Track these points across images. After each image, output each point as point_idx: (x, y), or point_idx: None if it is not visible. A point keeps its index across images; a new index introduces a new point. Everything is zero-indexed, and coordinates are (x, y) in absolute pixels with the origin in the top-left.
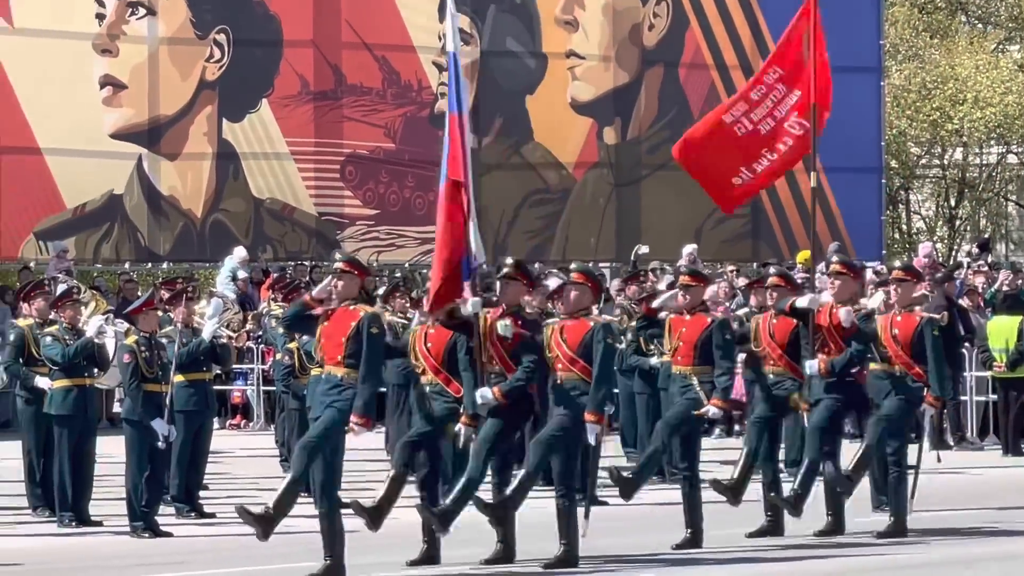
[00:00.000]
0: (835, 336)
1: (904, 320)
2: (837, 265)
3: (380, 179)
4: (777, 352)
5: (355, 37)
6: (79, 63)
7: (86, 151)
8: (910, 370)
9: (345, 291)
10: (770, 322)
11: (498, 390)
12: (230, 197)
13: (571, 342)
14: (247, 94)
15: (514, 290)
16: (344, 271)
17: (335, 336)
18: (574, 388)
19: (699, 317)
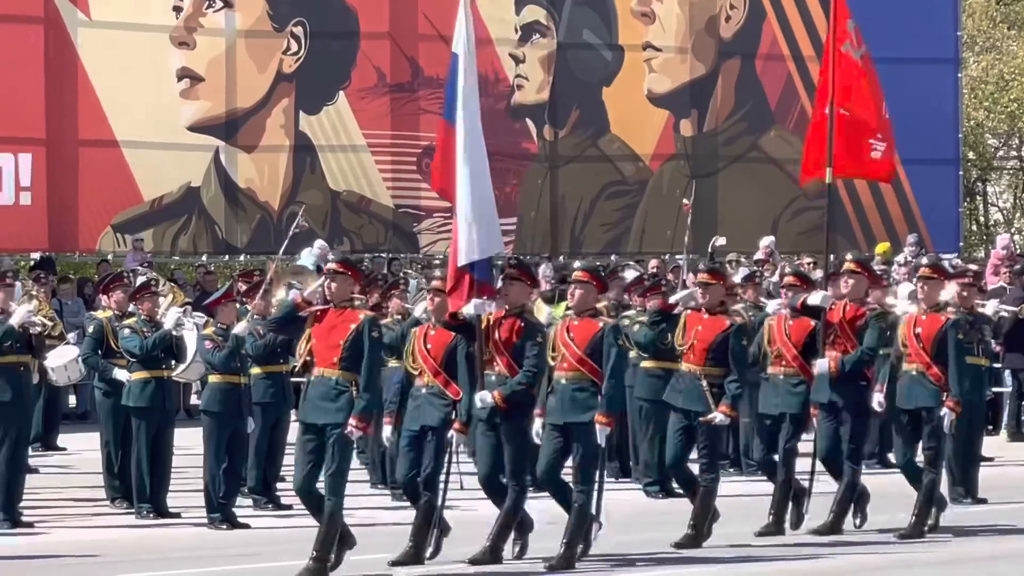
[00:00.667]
0: (848, 333)
1: (929, 320)
2: (851, 263)
3: None
4: (792, 352)
5: (431, 29)
6: (157, 56)
7: (163, 144)
8: (928, 370)
9: (339, 292)
10: (786, 322)
11: (499, 394)
12: (307, 189)
13: (579, 341)
14: (324, 87)
15: (517, 291)
16: (338, 272)
17: (330, 338)
18: (581, 388)
19: (718, 319)
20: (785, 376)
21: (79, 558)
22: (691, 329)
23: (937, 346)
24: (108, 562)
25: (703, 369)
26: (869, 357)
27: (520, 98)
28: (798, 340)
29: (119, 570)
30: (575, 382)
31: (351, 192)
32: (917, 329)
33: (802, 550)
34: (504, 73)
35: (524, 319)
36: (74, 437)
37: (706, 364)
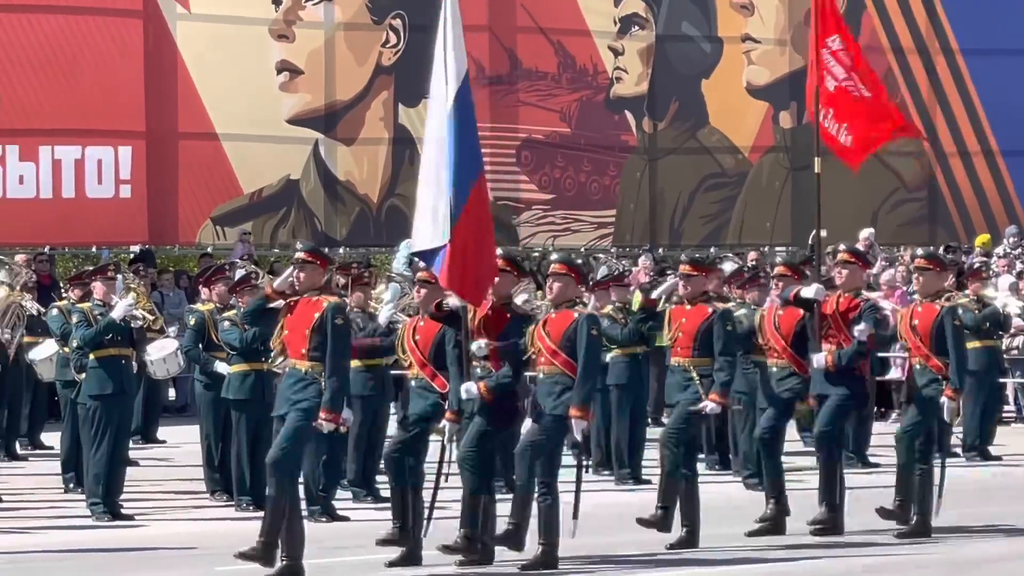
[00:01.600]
0: (841, 326)
1: (925, 310)
2: (844, 253)
3: (556, 163)
4: (781, 344)
5: (530, 21)
6: (256, 49)
7: (263, 136)
8: (928, 362)
9: (308, 282)
10: (776, 314)
11: (484, 385)
12: (406, 182)
13: (554, 335)
14: (423, 79)
15: (504, 282)
16: (306, 261)
17: (299, 328)
18: (556, 383)
19: (700, 308)
20: (777, 368)
21: (178, 551)
22: (676, 322)
23: (935, 336)
24: (207, 554)
25: (692, 361)
26: (864, 349)
27: (619, 90)
28: (788, 332)
29: (218, 563)
30: (551, 376)
31: None
32: (914, 321)
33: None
34: (603, 66)
35: (511, 311)
36: (174, 430)
37: (693, 355)
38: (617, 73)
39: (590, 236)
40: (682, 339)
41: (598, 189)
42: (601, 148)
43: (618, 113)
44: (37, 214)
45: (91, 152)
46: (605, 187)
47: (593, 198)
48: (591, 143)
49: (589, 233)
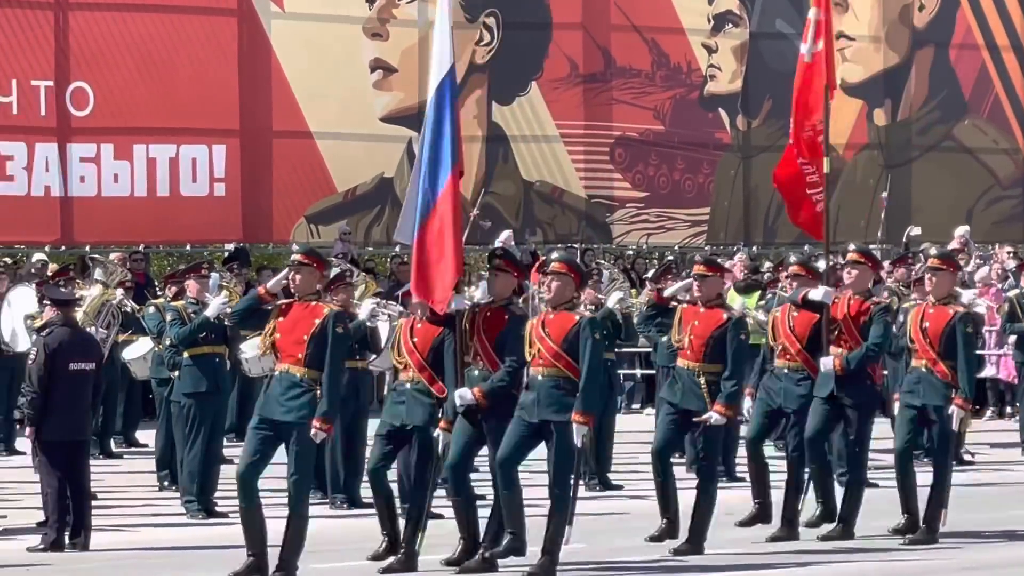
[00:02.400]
0: (852, 329)
1: (937, 313)
2: (854, 254)
3: (650, 161)
4: (796, 347)
5: (624, 19)
6: (350, 47)
7: (357, 134)
8: (935, 366)
9: (303, 285)
10: (790, 314)
11: (479, 391)
12: (500, 180)
13: (555, 336)
14: (517, 77)
15: (503, 282)
16: (302, 264)
17: (295, 333)
18: (556, 386)
19: (715, 312)
20: (790, 370)
21: (273, 548)
22: (687, 324)
23: (945, 341)
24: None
25: (701, 366)
26: (874, 353)
27: (713, 88)
28: (803, 334)
29: (313, 560)
30: (551, 378)
31: (544, 183)
32: (924, 324)
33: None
34: (697, 63)
35: (510, 312)
36: None
37: (703, 360)
38: (711, 71)
39: (684, 234)
40: (693, 342)
41: (692, 187)
42: (695, 146)
43: (712, 111)
44: (132, 212)
45: (186, 151)
46: (699, 185)
47: (687, 196)
48: (685, 141)
49: (683, 231)
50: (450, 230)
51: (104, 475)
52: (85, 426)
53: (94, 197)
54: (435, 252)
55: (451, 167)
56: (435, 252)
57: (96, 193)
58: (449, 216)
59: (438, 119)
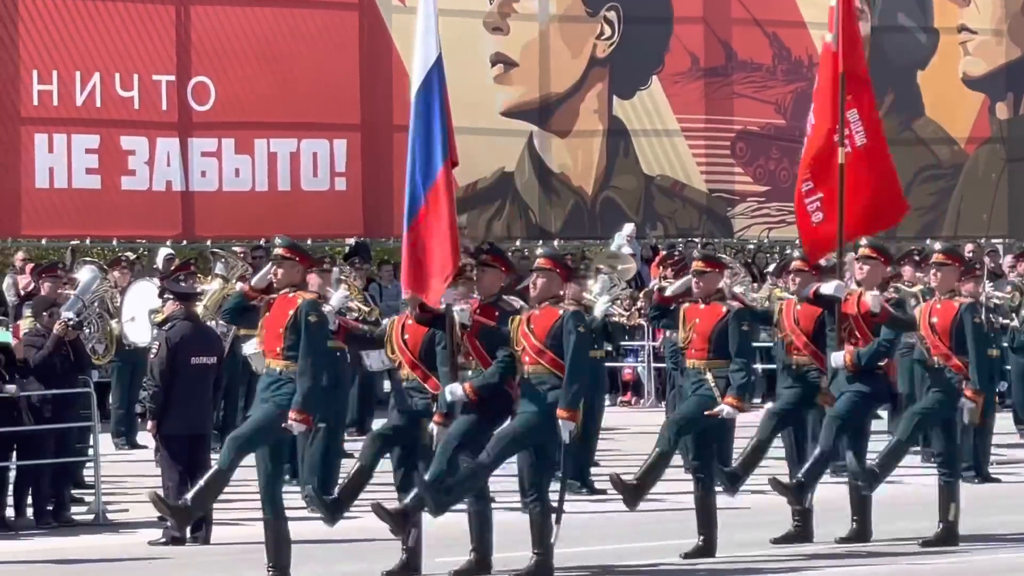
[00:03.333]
0: (863, 326)
1: (944, 308)
2: (866, 249)
3: (771, 155)
4: (802, 340)
5: (745, 13)
6: (470, 41)
7: (477, 129)
8: (948, 361)
9: (285, 279)
10: (795, 308)
11: (470, 386)
12: (621, 174)
13: (538, 332)
14: (637, 71)
15: (491, 278)
16: (284, 257)
17: (274, 327)
18: (542, 382)
19: (714, 307)
20: (798, 365)
21: (393, 542)
22: (689, 322)
23: (955, 335)
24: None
25: (707, 363)
26: (886, 349)
27: None
28: (808, 327)
29: (436, 554)
30: (536, 376)
31: (664, 176)
32: (932, 319)
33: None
34: (818, 57)
35: (499, 308)
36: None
37: (709, 357)
38: None
39: None
40: (696, 340)
41: None
42: None
43: None
44: (253, 207)
45: (306, 145)
46: None
47: None
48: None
49: None
50: (444, 223)
51: None
52: (206, 420)
53: (215, 191)
54: (429, 246)
55: (443, 159)
56: (429, 246)
57: (217, 188)
58: (443, 209)
59: (427, 111)
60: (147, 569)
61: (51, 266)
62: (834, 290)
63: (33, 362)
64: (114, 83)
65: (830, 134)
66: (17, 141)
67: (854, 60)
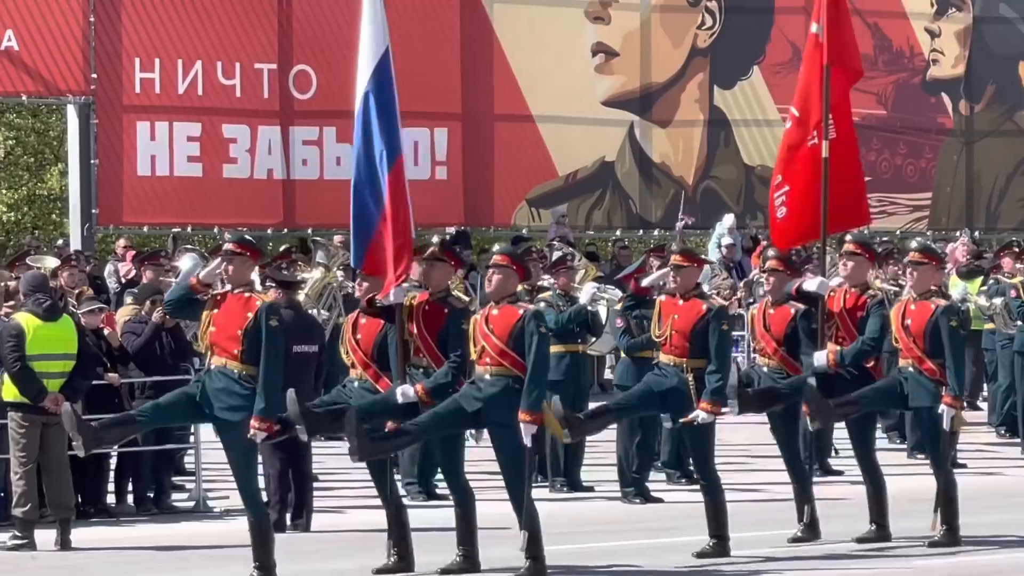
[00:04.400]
0: (848, 323)
1: (919, 309)
2: (851, 245)
3: (872, 146)
4: (772, 345)
5: (847, 3)
6: (571, 31)
7: (578, 118)
8: (921, 365)
9: (236, 275)
10: (766, 312)
11: (422, 387)
12: (721, 164)
13: (499, 333)
14: (738, 61)
15: (440, 273)
16: (235, 253)
17: (229, 327)
18: (505, 385)
19: (694, 303)
20: (769, 370)
21: (496, 531)
22: (667, 317)
23: (929, 337)
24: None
25: (687, 362)
26: (870, 348)
27: (935, 73)
28: (779, 332)
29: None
30: (499, 378)
31: (765, 167)
32: (906, 321)
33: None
34: (919, 48)
35: (448, 304)
36: None
37: (689, 356)
38: (933, 55)
39: (906, 219)
40: (675, 337)
41: (914, 172)
42: (917, 131)
43: (934, 95)
44: None
45: (408, 134)
46: (921, 169)
47: (909, 181)
48: (907, 125)
49: (904, 216)
50: (400, 217)
51: (325, 457)
52: None
53: (316, 180)
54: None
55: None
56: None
57: (318, 176)
58: (401, 201)
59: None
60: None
61: (153, 254)
62: (817, 287)
63: (132, 349)
64: (216, 71)
65: (800, 125)
66: (120, 129)
67: (841, 51)
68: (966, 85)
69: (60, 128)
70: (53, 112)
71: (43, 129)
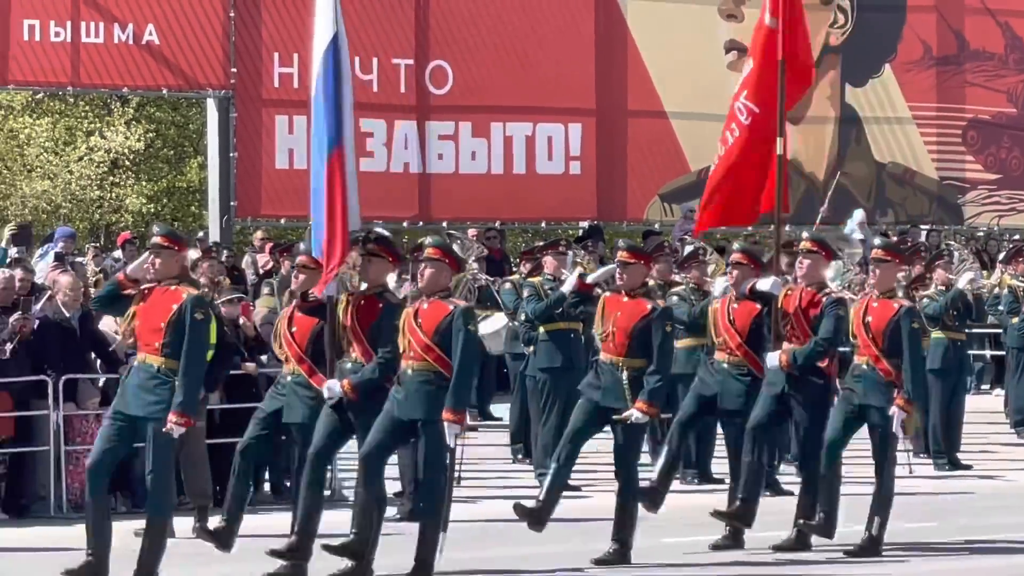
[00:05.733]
0: (803, 323)
1: (881, 307)
2: (807, 242)
3: (1002, 144)
4: (736, 341)
5: (978, 2)
6: (705, 28)
7: (711, 115)
8: (877, 363)
9: (163, 269)
10: (730, 306)
11: (348, 383)
12: (852, 161)
13: (426, 327)
14: (870, 59)
15: (377, 268)
16: (163, 247)
17: (152, 320)
18: (426, 382)
19: (639, 302)
20: (730, 365)
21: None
22: (610, 315)
23: (888, 338)
24: (651, 526)
25: (624, 360)
26: (824, 348)
27: None
28: (743, 327)
29: (668, 533)
30: (421, 373)
31: (896, 164)
32: (867, 318)
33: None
34: None
35: (384, 300)
36: None
37: (627, 355)
38: None
39: None
40: (616, 335)
41: (1018, 166)
42: None
43: None
44: (488, 189)
45: (542, 129)
46: None
47: None
48: None
49: None
50: (337, 209)
51: (458, 447)
52: None
53: (451, 174)
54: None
55: (336, 140)
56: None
57: (454, 170)
58: (337, 190)
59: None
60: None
61: (290, 245)
62: (770, 286)
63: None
64: (353, 66)
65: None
66: (259, 123)
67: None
68: None
69: (200, 121)
70: (193, 106)
71: (183, 122)
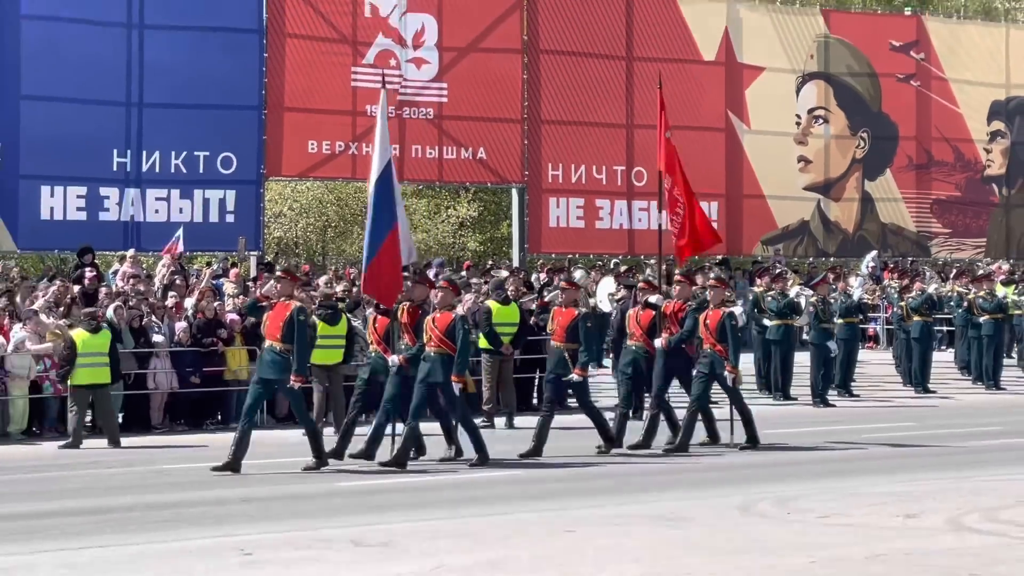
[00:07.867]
0: (674, 321)
1: (714, 314)
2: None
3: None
4: (639, 332)
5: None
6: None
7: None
8: (715, 347)
9: (282, 290)
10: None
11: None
12: (868, 223)
13: (440, 327)
14: (879, 165)
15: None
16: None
17: (276, 321)
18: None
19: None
20: (636, 347)
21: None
22: (556, 318)
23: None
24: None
25: (564, 345)
26: (687, 336)
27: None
28: (644, 324)
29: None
30: (440, 354)
31: (893, 224)
32: (707, 321)
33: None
34: (980, 157)
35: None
36: None
37: (565, 341)
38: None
39: (971, 252)
40: (558, 331)
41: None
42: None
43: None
44: None
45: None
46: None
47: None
48: (972, 202)
49: (970, 250)
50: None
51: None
52: None
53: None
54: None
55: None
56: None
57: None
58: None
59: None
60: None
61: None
62: (655, 300)
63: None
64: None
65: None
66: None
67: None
68: (1007, 179)
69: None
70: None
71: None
